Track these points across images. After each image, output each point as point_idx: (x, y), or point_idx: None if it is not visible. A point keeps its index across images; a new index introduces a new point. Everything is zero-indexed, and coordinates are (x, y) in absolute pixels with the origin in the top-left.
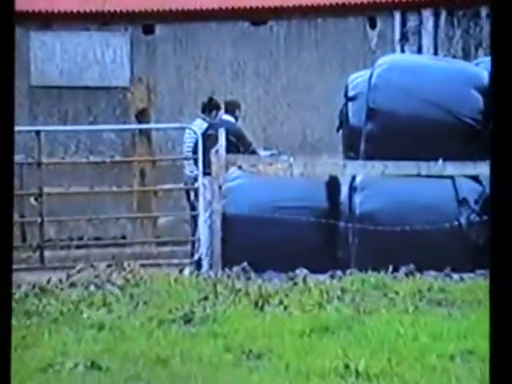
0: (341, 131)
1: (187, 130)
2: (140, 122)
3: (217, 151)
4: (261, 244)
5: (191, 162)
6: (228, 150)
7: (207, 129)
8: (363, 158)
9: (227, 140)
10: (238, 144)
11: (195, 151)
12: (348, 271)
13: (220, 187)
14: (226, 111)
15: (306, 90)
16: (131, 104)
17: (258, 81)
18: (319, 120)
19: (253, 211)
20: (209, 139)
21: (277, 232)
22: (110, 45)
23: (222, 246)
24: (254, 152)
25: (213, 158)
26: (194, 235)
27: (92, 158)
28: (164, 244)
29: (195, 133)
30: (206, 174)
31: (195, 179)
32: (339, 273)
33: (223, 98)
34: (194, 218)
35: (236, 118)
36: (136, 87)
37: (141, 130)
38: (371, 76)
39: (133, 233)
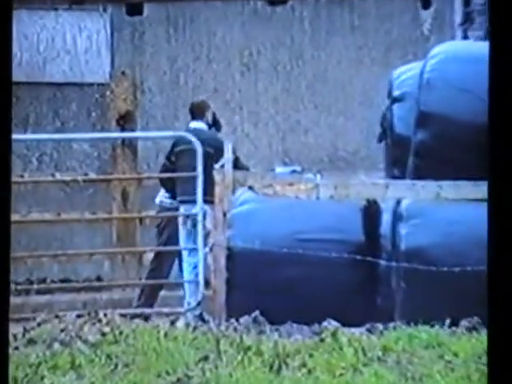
0: (383, 142)
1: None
2: (123, 128)
3: (222, 166)
4: (277, 287)
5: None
6: (205, 167)
7: (174, 144)
8: (411, 176)
9: (205, 153)
10: (217, 157)
11: (165, 169)
12: (391, 324)
13: (224, 214)
14: (193, 117)
15: (337, 88)
16: (111, 105)
17: (275, 76)
18: (355, 127)
19: (267, 245)
20: (181, 156)
21: (298, 272)
22: (84, 29)
23: (227, 290)
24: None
25: (216, 177)
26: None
27: (59, 176)
28: None
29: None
30: (207, 201)
31: (170, 210)
32: (380, 326)
33: (230, 97)
34: (179, 255)
35: (209, 125)
36: (118, 84)
37: (124, 140)
38: (423, 70)
39: (111, 273)
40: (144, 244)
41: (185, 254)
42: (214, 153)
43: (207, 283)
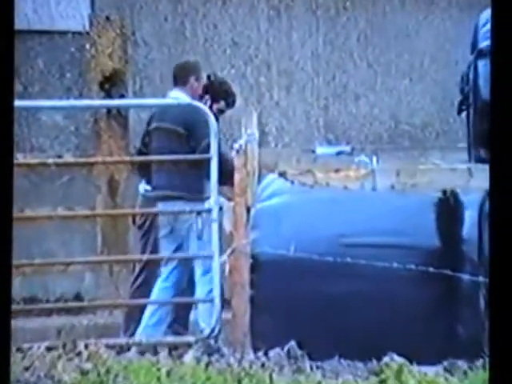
0: (464, 112)
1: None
2: (108, 94)
3: (241, 147)
4: (319, 309)
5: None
6: (169, 150)
7: (150, 120)
8: None
9: (170, 132)
10: (189, 140)
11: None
12: (479, 361)
13: (248, 210)
14: (176, 83)
15: (400, 39)
16: (93, 63)
17: (314, 23)
18: (424, 92)
19: (304, 251)
20: (154, 137)
21: (347, 289)
22: None
23: (252, 312)
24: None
25: (236, 160)
26: (183, 291)
27: (22, 159)
28: None
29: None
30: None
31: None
32: (462, 364)
33: (254, 52)
34: (185, 265)
35: (194, 96)
36: (101, 33)
37: (109, 110)
38: None
39: (94, 289)
40: (139, 250)
41: (197, 265)
42: (185, 133)
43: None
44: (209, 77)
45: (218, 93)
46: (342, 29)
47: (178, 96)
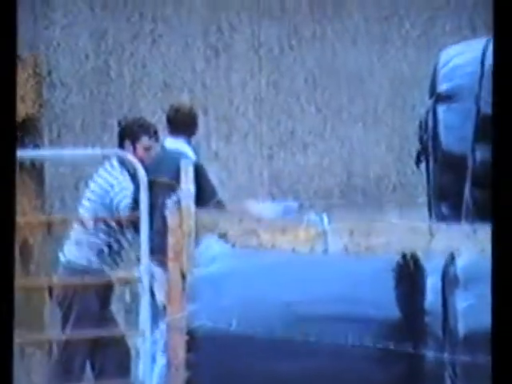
0: (423, 163)
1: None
2: (20, 143)
3: (177, 203)
4: None
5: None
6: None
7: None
8: (469, 216)
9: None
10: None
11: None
12: None
13: (183, 277)
14: (172, 131)
15: (352, 82)
16: None
17: (257, 61)
18: (379, 140)
19: (249, 326)
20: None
21: (297, 369)
22: None
23: None
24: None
25: (170, 218)
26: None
27: None
28: None
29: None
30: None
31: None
32: None
33: (188, 95)
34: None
35: (190, 144)
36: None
37: (22, 162)
38: (485, 51)
39: None
40: (58, 328)
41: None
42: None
43: None
44: (119, 122)
45: (135, 131)
46: (288, 70)
47: (177, 147)
